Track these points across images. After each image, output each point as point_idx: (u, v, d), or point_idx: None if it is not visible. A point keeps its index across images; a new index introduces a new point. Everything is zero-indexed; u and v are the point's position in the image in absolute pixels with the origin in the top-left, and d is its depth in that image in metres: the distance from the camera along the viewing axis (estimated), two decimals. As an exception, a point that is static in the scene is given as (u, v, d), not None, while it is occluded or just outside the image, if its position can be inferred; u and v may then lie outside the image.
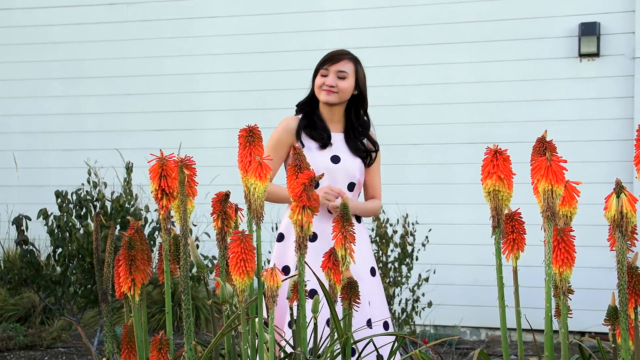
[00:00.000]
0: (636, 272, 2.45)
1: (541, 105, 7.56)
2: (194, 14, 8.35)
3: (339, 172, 4.08)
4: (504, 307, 2.64)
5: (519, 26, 7.60)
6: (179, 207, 2.71)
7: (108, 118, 8.56)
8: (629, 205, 2.34)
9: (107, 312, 2.84)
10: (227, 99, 8.23)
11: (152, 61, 8.44)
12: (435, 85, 7.76)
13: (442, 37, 7.75)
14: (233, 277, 2.71)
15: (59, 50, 8.67)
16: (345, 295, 3.00)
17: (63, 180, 7.87)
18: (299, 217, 2.78)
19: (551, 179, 2.41)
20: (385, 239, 6.65)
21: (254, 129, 2.90)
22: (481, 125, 7.63)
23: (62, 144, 8.64)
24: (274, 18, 8.11)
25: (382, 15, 7.90)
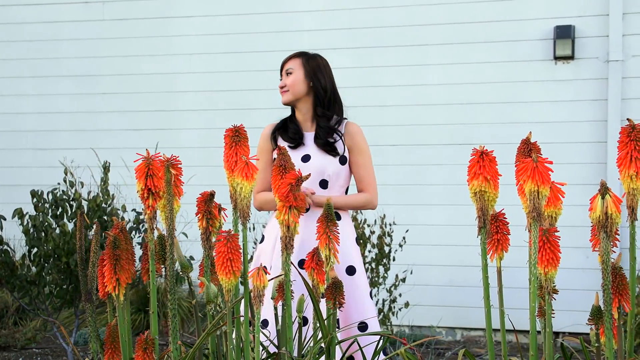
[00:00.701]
0: (620, 272, 2.48)
1: (516, 107, 7.61)
2: (171, 14, 8.32)
3: (309, 170, 4.08)
4: (489, 307, 2.66)
5: (494, 29, 7.65)
6: (165, 206, 2.70)
7: (83, 117, 8.50)
8: (614, 207, 2.37)
9: (92, 312, 2.82)
10: (204, 98, 8.22)
11: (128, 60, 8.40)
12: (411, 86, 7.79)
13: (417, 39, 7.78)
14: (219, 277, 2.71)
15: (32, 49, 8.60)
16: (330, 295, 3.01)
17: (37, 180, 7.81)
18: (286, 217, 2.78)
19: (537, 180, 2.43)
20: (363, 240, 6.66)
21: (240, 129, 2.90)
22: (456, 127, 7.67)
23: (36, 143, 8.57)
24: (250, 18, 8.11)
25: (356, 16, 7.92)
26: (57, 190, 6.14)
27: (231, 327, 2.74)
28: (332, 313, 2.99)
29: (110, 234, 2.84)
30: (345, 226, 4.17)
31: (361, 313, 4.04)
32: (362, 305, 4.02)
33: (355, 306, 4.00)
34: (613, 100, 7.40)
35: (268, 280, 2.74)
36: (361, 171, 4.23)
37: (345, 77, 7.95)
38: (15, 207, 6.12)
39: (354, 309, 4.01)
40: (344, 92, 8.00)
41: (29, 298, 6.24)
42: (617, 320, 2.50)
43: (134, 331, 6.96)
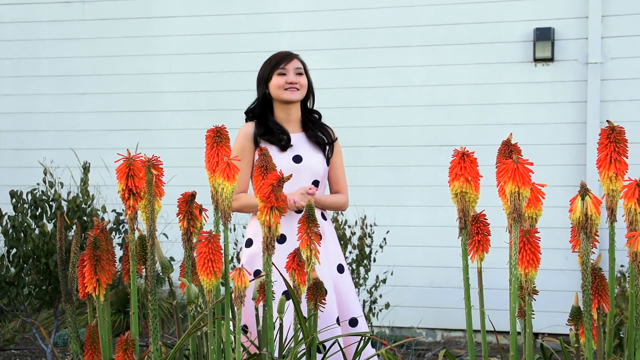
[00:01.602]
0: (599, 274, 2.50)
1: (496, 108, 7.64)
2: (152, 14, 8.29)
3: (304, 171, 4.09)
4: (470, 307, 2.67)
5: (474, 30, 7.67)
6: (147, 207, 2.69)
7: (62, 117, 8.46)
8: (594, 208, 2.39)
9: (72, 312, 2.81)
10: (184, 99, 8.20)
11: (109, 60, 8.36)
12: (392, 88, 7.79)
13: (398, 40, 7.79)
14: (200, 278, 2.70)
15: (10, 48, 8.55)
16: (310, 296, 3.01)
17: (16, 180, 7.76)
18: (267, 218, 2.79)
19: (518, 181, 2.44)
20: (344, 241, 6.66)
21: (221, 130, 2.91)
22: (436, 128, 7.69)
23: (14, 144, 8.52)
24: (231, 19, 8.09)
25: (336, 17, 7.92)
26: (37, 190, 6.11)
27: (212, 328, 2.74)
28: (314, 314, 2.99)
29: (91, 235, 2.83)
30: (330, 227, 4.22)
31: (352, 309, 4.08)
32: (353, 301, 4.09)
33: (347, 303, 4.03)
34: (592, 102, 7.44)
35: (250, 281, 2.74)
36: (338, 172, 4.29)
37: (326, 78, 7.96)
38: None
39: (347, 306, 4.04)
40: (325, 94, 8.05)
41: (8, 299, 6.20)
42: (597, 321, 2.51)
43: (114, 332, 6.92)
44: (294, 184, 4.02)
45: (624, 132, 2.72)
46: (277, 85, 4.17)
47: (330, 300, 3.90)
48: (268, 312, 2.82)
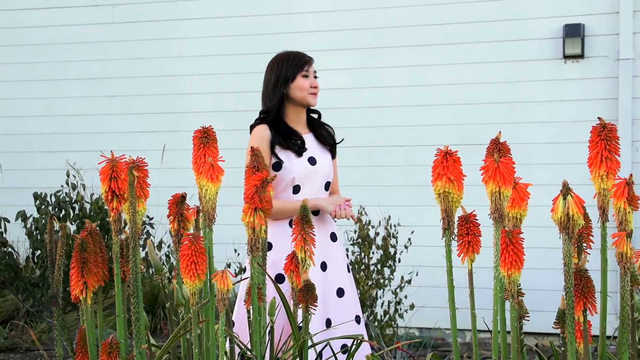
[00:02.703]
0: (585, 275, 2.43)
1: (525, 106, 7.53)
2: (177, 16, 8.32)
3: (319, 173, 4.07)
4: (454, 309, 2.62)
5: (501, 28, 7.58)
6: (129, 208, 2.68)
7: (91, 120, 8.53)
8: (575, 208, 2.32)
9: (58, 315, 2.81)
10: (209, 100, 8.21)
11: (136, 63, 8.41)
12: (417, 87, 7.73)
13: (423, 39, 7.72)
14: (184, 280, 2.68)
15: (41, 52, 8.64)
16: (302, 299, 2.97)
17: (46, 182, 7.85)
18: (251, 219, 2.76)
19: (498, 180, 2.39)
20: (367, 241, 6.62)
21: (209, 130, 2.88)
22: (462, 127, 7.60)
23: (45, 146, 8.61)
24: (255, 20, 8.09)
25: (359, 17, 7.87)
26: (60, 192, 6.17)
27: (196, 331, 2.72)
28: (305, 316, 2.96)
29: (78, 237, 2.82)
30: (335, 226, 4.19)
31: (357, 308, 4.06)
32: (356, 299, 4.09)
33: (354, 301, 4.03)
34: (624, 99, 7.30)
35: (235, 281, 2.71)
36: (335, 173, 4.28)
37: (349, 78, 7.92)
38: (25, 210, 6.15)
39: (353, 305, 4.01)
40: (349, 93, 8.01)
41: (33, 300, 6.27)
42: (583, 324, 2.44)
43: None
44: (309, 186, 3.99)
45: (616, 129, 2.64)
46: (302, 87, 4.10)
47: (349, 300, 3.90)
48: (254, 315, 2.80)
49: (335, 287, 3.95)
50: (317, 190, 4.07)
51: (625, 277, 2.43)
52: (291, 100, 4.11)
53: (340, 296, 3.99)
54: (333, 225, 4.14)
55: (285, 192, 4.03)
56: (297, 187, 4.03)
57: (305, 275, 3.00)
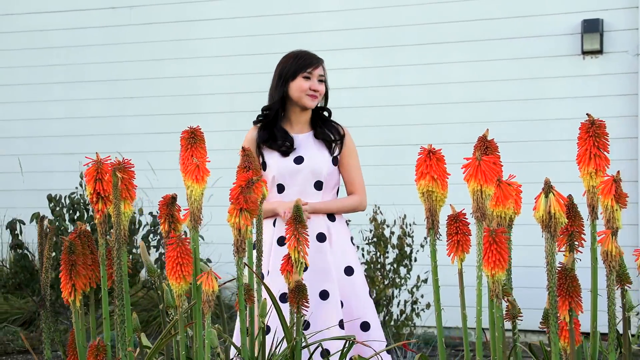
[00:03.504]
0: (570, 274, 2.38)
1: (543, 103, 7.44)
2: (193, 17, 8.33)
3: (304, 172, 4.02)
4: (440, 309, 2.59)
5: (518, 24, 7.50)
6: (113, 210, 2.68)
7: (110, 121, 8.57)
8: (557, 206, 2.28)
9: (46, 317, 2.81)
10: (227, 100, 8.22)
11: (153, 64, 8.44)
12: (431, 85, 7.67)
13: (436, 37, 7.66)
14: (170, 282, 2.68)
15: (60, 55, 8.69)
16: (293, 299, 2.95)
17: (65, 184, 7.87)
18: (237, 220, 2.74)
19: (480, 179, 2.35)
20: (383, 241, 6.58)
21: (196, 131, 2.88)
22: (479, 125, 7.49)
23: (65, 148, 8.66)
24: (270, 20, 8.08)
25: (374, 15, 7.83)
26: (75, 194, 6.20)
27: (182, 334, 2.71)
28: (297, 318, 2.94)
29: (66, 239, 2.82)
30: (340, 227, 4.13)
31: (362, 312, 4.00)
32: (363, 305, 3.99)
33: (356, 306, 3.96)
34: (644, 94, 7.22)
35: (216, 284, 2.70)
36: (352, 173, 4.15)
37: (365, 77, 7.89)
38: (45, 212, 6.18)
39: (355, 309, 3.96)
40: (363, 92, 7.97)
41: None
42: (569, 323, 2.40)
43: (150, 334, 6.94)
44: (294, 185, 3.97)
45: (605, 126, 2.60)
46: (301, 88, 4.09)
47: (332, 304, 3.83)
48: (240, 316, 2.78)
49: (318, 289, 3.87)
50: (303, 189, 4.02)
51: (611, 275, 2.38)
52: (290, 99, 4.09)
53: (324, 299, 3.91)
54: (323, 225, 4.03)
55: (272, 192, 4.04)
56: (280, 186, 4.04)
57: (296, 277, 2.98)
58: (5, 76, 8.87)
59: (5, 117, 8.88)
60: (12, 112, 8.86)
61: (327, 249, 3.96)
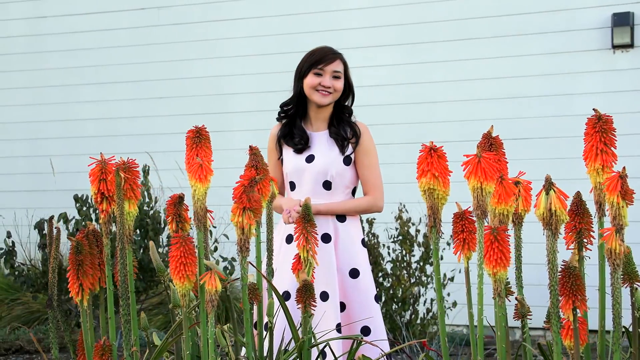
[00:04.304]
0: (574, 272, 2.34)
1: (572, 99, 7.35)
2: (221, 16, 8.36)
3: (312, 171, 3.96)
4: (443, 308, 2.55)
5: (546, 19, 7.42)
6: (116, 210, 2.68)
7: (140, 122, 8.62)
8: (558, 203, 2.24)
9: (54, 317, 2.83)
10: (255, 100, 8.23)
11: (182, 64, 8.48)
12: (461, 82, 7.62)
13: (465, 33, 7.61)
14: (174, 282, 2.67)
15: (90, 56, 8.77)
16: (300, 298, 2.93)
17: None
18: (240, 220, 2.73)
19: (480, 176, 2.32)
20: (409, 239, 6.55)
21: (202, 130, 2.87)
22: (508, 122, 7.46)
23: (96, 149, 8.70)
24: (297, 18, 8.08)
25: (403, 12, 7.79)
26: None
27: (187, 334, 2.71)
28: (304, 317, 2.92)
29: (73, 240, 2.83)
30: (350, 228, 4.01)
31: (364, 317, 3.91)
32: (366, 309, 3.89)
33: (359, 310, 3.89)
34: (676, 88, 7.11)
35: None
36: (366, 172, 4.03)
37: (394, 74, 7.85)
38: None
39: (356, 313, 3.90)
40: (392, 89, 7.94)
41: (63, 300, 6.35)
42: (573, 322, 2.36)
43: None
44: (304, 184, 3.95)
45: (612, 121, 2.55)
46: (311, 84, 4.02)
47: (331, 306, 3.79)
48: (245, 315, 2.77)
49: (318, 290, 3.78)
50: (311, 188, 3.96)
51: (615, 273, 2.34)
52: (306, 96, 4.06)
53: (324, 300, 3.86)
54: (330, 226, 3.95)
55: (286, 190, 4.07)
56: (292, 183, 4.03)
57: (303, 275, 2.96)
58: (38, 79, 8.98)
59: (39, 118, 8.98)
60: (46, 113, 8.95)
61: (331, 250, 3.89)
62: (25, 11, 9.09)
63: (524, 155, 7.43)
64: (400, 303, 6.48)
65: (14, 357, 6.86)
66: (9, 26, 9.18)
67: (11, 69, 9.17)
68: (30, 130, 9.06)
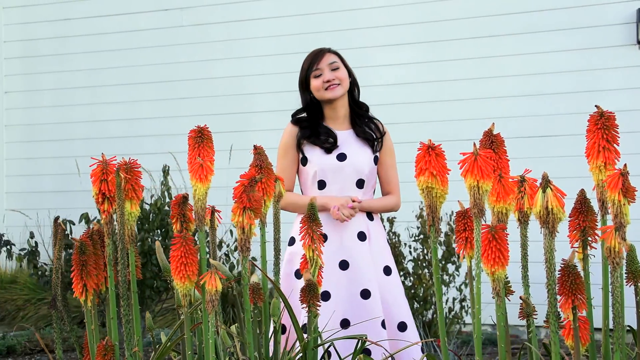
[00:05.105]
0: (574, 271, 2.31)
1: (597, 95, 7.26)
2: (243, 17, 8.37)
3: (347, 169, 3.97)
4: (442, 309, 2.53)
5: (570, 15, 7.34)
6: (117, 210, 2.69)
7: (164, 122, 8.66)
8: (555, 201, 2.21)
9: (57, 318, 2.84)
10: (277, 99, 8.22)
11: (204, 65, 8.51)
12: (483, 79, 7.56)
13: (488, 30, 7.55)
14: (175, 282, 2.67)
15: (115, 58, 8.82)
16: (304, 298, 2.92)
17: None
18: (240, 219, 2.73)
19: (476, 174, 2.29)
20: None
21: (204, 130, 2.87)
22: (532, 119, 7.40)
23: (121, 149, 8.76)
24: (317, 17, 8.07)
25: (424, 10, 7.75)
26: (123, 194, 6.27)
27: (189, 334, 2.71)
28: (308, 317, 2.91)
29: (77, 240, 2.85)
30: (377, 227, 4.07)
31: (401, 313, 3.95)
32: (400, 304, 3.95)
33: (394, 306, 3.91)
34: (703, 84, 7.01)
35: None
36: (390, 172, 4.11)
37: (417, 72, 7.81)
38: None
39: (392, 309, 3.91)
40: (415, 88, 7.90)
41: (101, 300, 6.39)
42: (573, 322, 2.32)
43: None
44: (335, 182, 3.93)
45: (614, 117, 2.52)
46: (316, 87, 4.05)
47: (374, 303, 3.80)
48: (246, 315, 2.76)
49: (359, 288, 3.83)
50: (345, 186, 3.98)
51: (615, 272, 2.30)
52: (318, 99, 4.08)
53: (365, 298, 3.87)
54: (363, 225, 4.00)
55: (312, 188, 4.00)
56: (321, 182, 3.98)
57: (307, 275, 2.95)
58: (64, 80, 9.05)
59: (65, 119, 9.05)
60: (71, 114, 9.02)
61: (367, 248, 3.92)
62: (51, 14, 9.17)
63: (547, 153, 7.37)
64: (422, 302, 6.45)
65: (38, 357, 6.92)
66: (36, 29, 9.26)
67: (38, 71, 9.26)
68: (57, 132, 9.14)
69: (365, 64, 7.77)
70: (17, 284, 8.53)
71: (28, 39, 9.32)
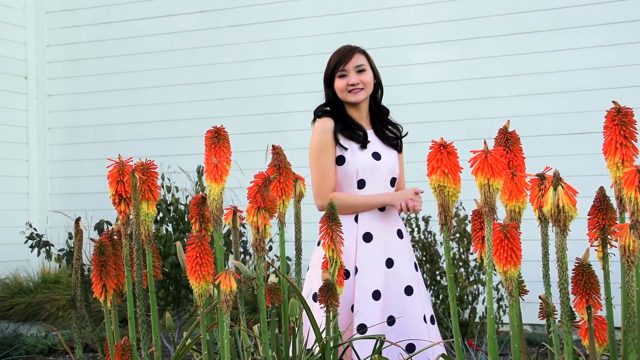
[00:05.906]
0: (588, 270, 2.27)
1: (635, 91, 7.15)
2: (280, 17, 8.39)
3: (383, 169, 3.93)
4: (455, 307, 2.50)
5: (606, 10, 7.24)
6: (132, 211, 2.70)
7: (202, 123, 8.68)
8: (567, 199, 2.17)
9: (77, 318, 2.87)
10: (315, 99, 8.18)
11: (243, 65, 8.54)
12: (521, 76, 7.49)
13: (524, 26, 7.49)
14: (190, 282, 2.68)
15: (153, 60, 8.90)
16: (322, 298, 2.91)
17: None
18: (255, 219, 2.72)
19: (487, 172, 2.26)
20: (466, 237, 6.46)
21: (220, 130, 2.87)
22: (569, 116, 7.32)
23: (160, 150, 8.83)
24: (355, 16, 8.07)
25: (459, 7, 7.70)
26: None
27: (205, 334, 2.71)
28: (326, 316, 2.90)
29: (97, 241, 2.87)
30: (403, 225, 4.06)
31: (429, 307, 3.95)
32: (427, 299, 3.96)
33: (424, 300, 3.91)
34: None
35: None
36: (402, 172, 4.11)
37: (452, 70, 7.76)
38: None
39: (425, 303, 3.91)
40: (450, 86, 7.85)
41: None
42: (588, 322, 2.28)
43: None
44: (375, 181, 3.89)
45: (632, 113, 2.47)
46: (340, 88, 3.97)
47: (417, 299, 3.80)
48: (261, 315, 2.76)
49: (404, 285, 3.82)
50: (382, 185, 3.94)
51: (630, 271, 2.25)
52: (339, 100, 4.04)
53: (409, 294, 3.87)
54: (399, 222, 3.99)
55: (351, 188, 3.89)
56: (361, 181, 3.89)
57: (325, 275, 2.94)
58: (106, 82, 9.17)
59: (108, 122, 9.16)
60: (112, 116, 9.13)
61: (404, 244, 3.92)
62: (92, 18, 9.29)
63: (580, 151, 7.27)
64: (458, 302, 6.40)
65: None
66: (77, 33, 9.39)
67: (80, 74, 9.38)
68: (98, 134, 9.24)
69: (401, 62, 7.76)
70: (60, 284, 8.65)
71: (70, 42, 9.45)
